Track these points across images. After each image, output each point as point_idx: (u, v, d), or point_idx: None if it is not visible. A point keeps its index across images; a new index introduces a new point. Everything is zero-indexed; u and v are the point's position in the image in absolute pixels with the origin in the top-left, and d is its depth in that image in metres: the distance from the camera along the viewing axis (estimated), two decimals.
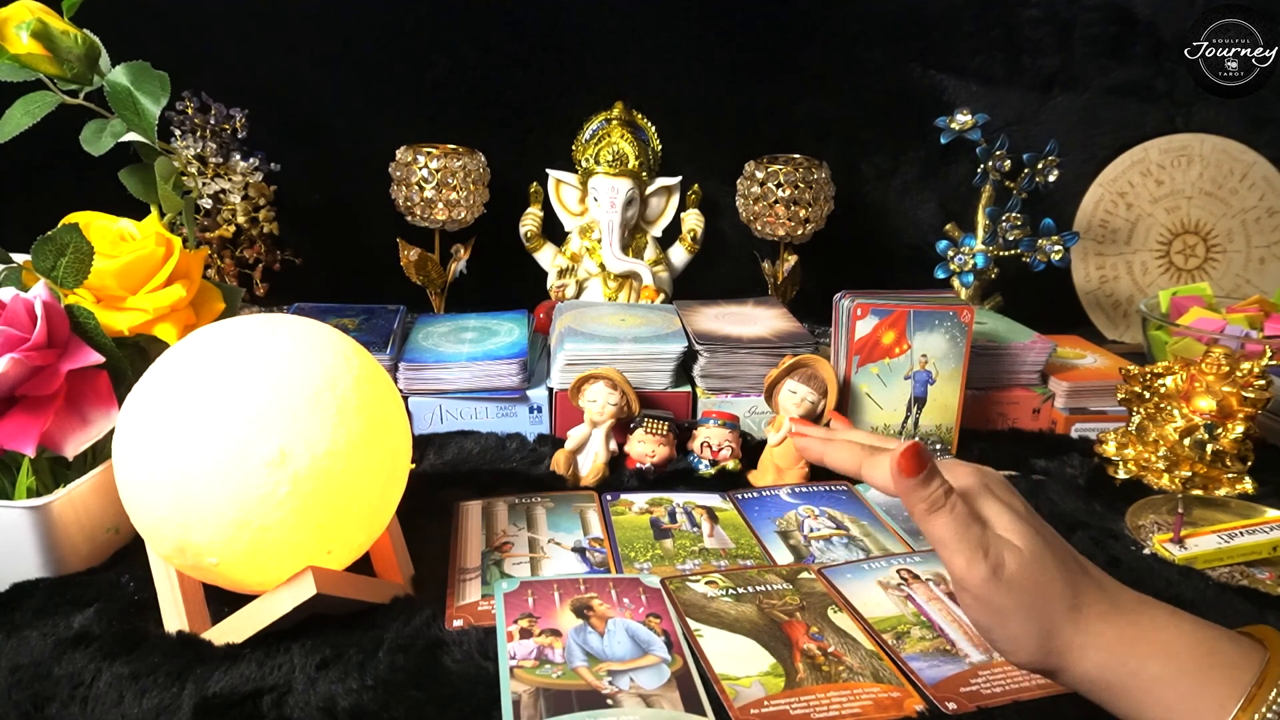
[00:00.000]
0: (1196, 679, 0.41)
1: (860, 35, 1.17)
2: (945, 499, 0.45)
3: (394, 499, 0.56)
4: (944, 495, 0.45)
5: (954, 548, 0.44)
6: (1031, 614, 0.43)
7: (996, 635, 0.44)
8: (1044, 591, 0.43)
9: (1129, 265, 1.23)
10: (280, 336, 0.52)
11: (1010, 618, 0.43)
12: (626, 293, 1.06)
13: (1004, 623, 0.44)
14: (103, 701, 0.47)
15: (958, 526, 0.44)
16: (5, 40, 0.67)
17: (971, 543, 0.44)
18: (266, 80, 1.11)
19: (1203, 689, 0.40)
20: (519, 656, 0.51)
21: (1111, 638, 0.43)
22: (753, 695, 0.49)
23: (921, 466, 0.45)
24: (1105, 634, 0.43)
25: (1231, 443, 0.69)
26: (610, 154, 1.05)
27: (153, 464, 0.48)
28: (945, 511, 0.45)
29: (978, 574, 0.43)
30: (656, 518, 0.70)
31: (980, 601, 0.44)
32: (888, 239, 1.25)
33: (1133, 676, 0.42)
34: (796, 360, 0.78)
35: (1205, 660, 0.41)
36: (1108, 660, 0.43)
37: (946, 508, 0.45)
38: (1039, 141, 1.08)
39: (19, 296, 0.58)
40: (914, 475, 0.45)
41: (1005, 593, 0.43)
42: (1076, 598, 0.44)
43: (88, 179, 0.76)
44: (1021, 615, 0.43)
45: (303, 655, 0.51)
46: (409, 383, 0.84)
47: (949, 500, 0.45)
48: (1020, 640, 0.44)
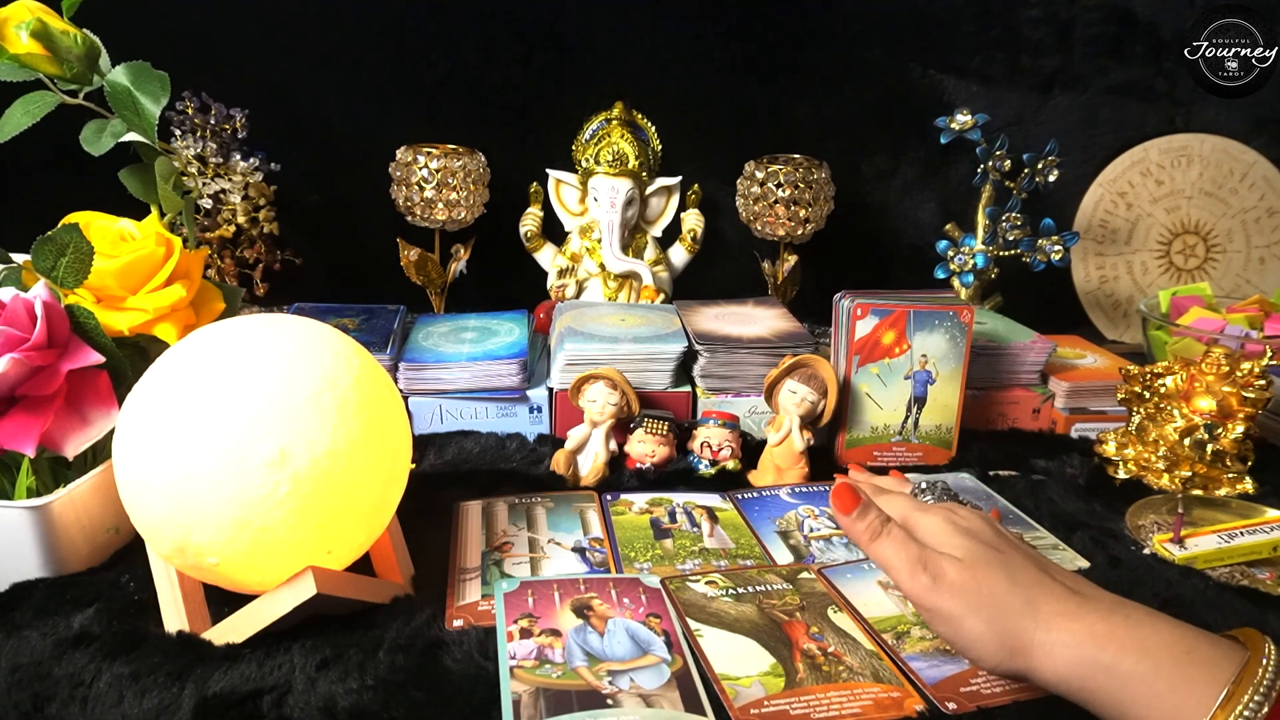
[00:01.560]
0: (1174, 676, 0.41)
1: (860, 35, 1.17)
2: (882, 527, 0.51)
3: (394, 499, 0.56)
4: (880, 524, 0.51)
5: (897, 566, 0.49)
6: (982, 615, 0.46)
7: (958, 642, 0.48)
8: (990, 592, 0.47)
9: (1129, 265, 1.23)
10: (280, 336, 0.52)
11: (964, 622, 0.47)
12: (626, 293, 1.06)
13: (959, 629, 0.47)
14: (103, 701, 0.47)
15: (896, 548, 0.50)
16: (5, 40, 0.67)
17: (910, 560, 0.49)
18: (266, 80, 1.11)
19: (1181, 686, 0.41)
20: (519, 656, 0.51)
21: (1080, 634, 0.44)
22: (753, 695, 0.49)
23: (855, 502, 0.52)
24: (1072, 630, 0.44)
25: (1231, 443, 0.69)
26: (610, 154, 1.05)
27: (153, 464, 0.48)
28: (884, 538, 0.51)
29: (920, 585, 0.48)
30: (656, 518, 0.70)
31: (932, 612, 0.48)
32: (888, 239, 1.25)
33: (1106, 673, 0.42)
34: (796, 360, 0.78)
35: (1183, 658, 0.41)
36: (1078, 657, 0.43)
37: (884, 534, 0.51)
38: (1039, 141, 1.08)
39: (19, 296, 0.58)
40: (849, 511, 0.52)
41: (950, 598, 0.47)
42: (1031, 596, 0.46)
43: (88, 179, 0.76)
44: (973, 617, 0.47)
45: (303, 655, 0.51)
46: (409, 383, 0.84)
47: (885, 527, 0.51)
48: (979, 642, 0.47)
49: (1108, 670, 0.42)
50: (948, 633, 0.48)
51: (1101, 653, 0.43)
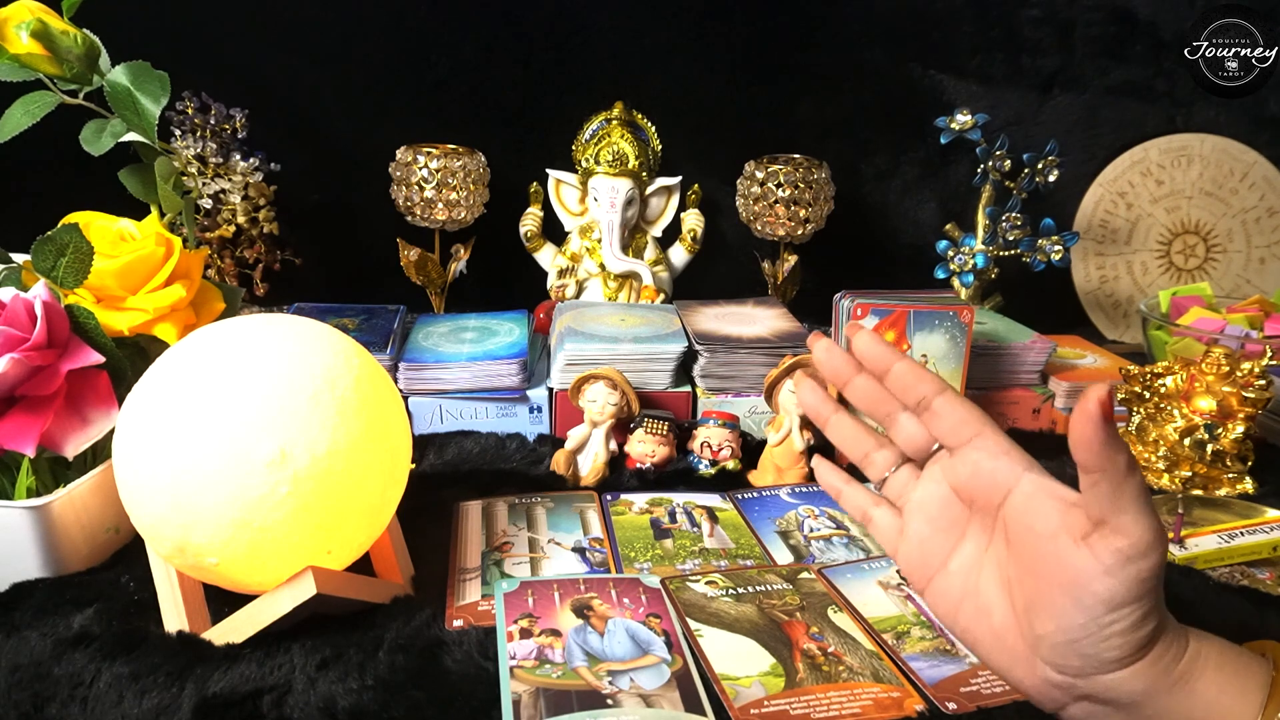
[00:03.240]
0: (1227, 675, 0.40)
1: (860, 35, 1.17)
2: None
3: (394, 499, 0.56)
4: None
5: (1147, 510, 0.39)
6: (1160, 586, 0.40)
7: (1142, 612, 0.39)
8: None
9: (1129, 265, 1.23)
10: (280, 336, 0.52)
11: (1158, 589, 0.40)
12: (626, 293, 1.06)
13: (1156, 594, 0.40)
14: (103, 701, 0.47)
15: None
16: (5, 40, 0.67)
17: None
18: (266, 80, 1.11)
19: (1233, 683, 0.40)
20: (519, 656, 0.51)
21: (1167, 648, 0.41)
22: (753, 695, 0.49)
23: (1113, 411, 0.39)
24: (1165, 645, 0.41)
25: (1231, 443, 0.69)
26: (610, 154, 1.05)
27: (153, 464, 0.48)
28: (1138, 472, 0.39)
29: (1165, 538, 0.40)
30: (656, 518, 0.70)
31: (1159, 566, 0.39)
32: (888, 239, 1.25)
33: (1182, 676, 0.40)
34: (796, 360, 0.78)
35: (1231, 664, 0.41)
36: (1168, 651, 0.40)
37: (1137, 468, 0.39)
38: (1039, 141, 1.08)
39: (19, 296, 0.58)
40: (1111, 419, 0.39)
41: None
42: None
43: (88, 179, 0.76)
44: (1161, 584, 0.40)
45: (303, 655, 0.51)
46: (409, 383, 0.84)
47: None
48: (1155, 614, 0.40)
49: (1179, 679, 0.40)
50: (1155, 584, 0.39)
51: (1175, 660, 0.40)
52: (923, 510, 0.47)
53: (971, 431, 0.44)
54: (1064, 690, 0.41)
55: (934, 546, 0.46)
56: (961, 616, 0.45)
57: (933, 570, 0.46)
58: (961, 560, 0.45)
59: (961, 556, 0.45)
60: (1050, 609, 0.40)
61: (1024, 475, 0.43)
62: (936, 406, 0.45)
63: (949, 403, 0.45)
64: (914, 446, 0.47)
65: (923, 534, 0.46)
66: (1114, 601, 0.39)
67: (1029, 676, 0.42)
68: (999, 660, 0.43)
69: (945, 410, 0.45)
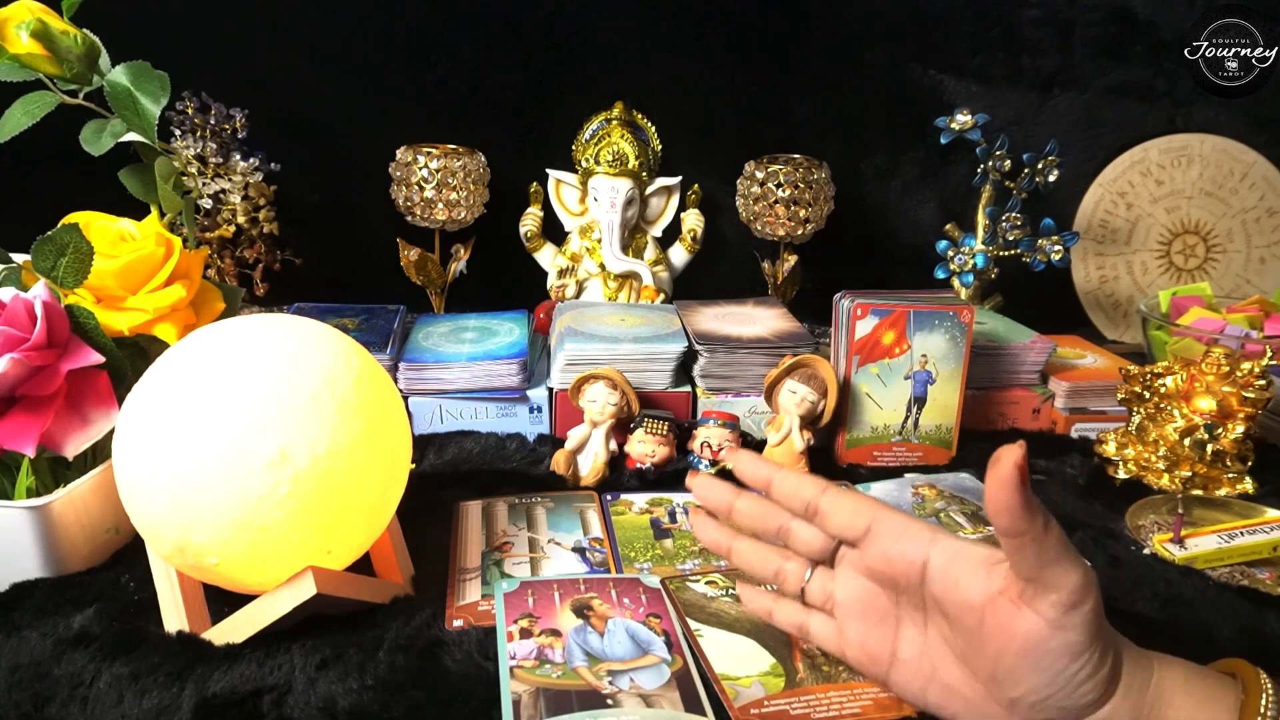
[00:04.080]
0: (1197, 700, 0.40)
1: (860, 35, 1.16)
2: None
3: (394, 499, 0.56)
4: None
5: (1073, 556, 0.39)
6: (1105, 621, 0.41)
7: (1099, 654, 0.40)
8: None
9: (1129, 265, 1.23)
10: (280, 336, 0.52)
11: (1105, 627, 0.40)
12: (626, 293, 1.06)
13: (1104, 633, 0.40)
14: (103, 701, 0.47)
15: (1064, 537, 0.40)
16: (5, 40, 0.67)
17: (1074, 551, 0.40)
18: (266, 80, 1.11)
19: (1203, 710, 0.40)
20: (519, 656, 0.51)
21: (1134, 679, 0.41)
22: (753, 695, 0.49)
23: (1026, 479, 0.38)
24: (1131, 677, 0.41)
25: (1231, 443, 0.69)
26: (610, 154, 1.05)
27: (153, 464, 0.48)
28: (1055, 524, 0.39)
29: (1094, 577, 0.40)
30: (656, 518, 0.70)
31: (1099, 603, 0.40)
32: (888, 239, 1.25)
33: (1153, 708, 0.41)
34: (796, 360, 0.78)
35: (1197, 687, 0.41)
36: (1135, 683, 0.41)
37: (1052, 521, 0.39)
38: (1039, 141, 1.08)
39: (19, 296, 0.58)
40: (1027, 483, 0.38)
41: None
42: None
43: (88, 179, 0.76)
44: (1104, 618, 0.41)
45: (303, 655, 0.51)
46: (409, 383, 0.84)
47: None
48: (1111, 648, 0.40)
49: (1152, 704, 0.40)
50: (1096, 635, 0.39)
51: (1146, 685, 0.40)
52: (850, 609, 0.47)
53: (865, 520, 0.44)
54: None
55: (875, 640, 0.46)
56: (931, 697, 0.45)
57: (884, 664, 0.46)
58: (908, 646, 0.45)
59: (907, 642, 0.45)
60: (1014, 675, 0.40)
61: (932, 548, 0.43)
62: (824, 506, 0.46)
63: (833, 499, 0.46)
64: (814, 549, 0.48)
65: (860, 631, 0.47)
66: (1072, 651, 0.39)
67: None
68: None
69: (832, 508, 0.45)
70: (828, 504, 0.46)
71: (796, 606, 0.49)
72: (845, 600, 0.47)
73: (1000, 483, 0.37)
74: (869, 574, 0.46)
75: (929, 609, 0.44)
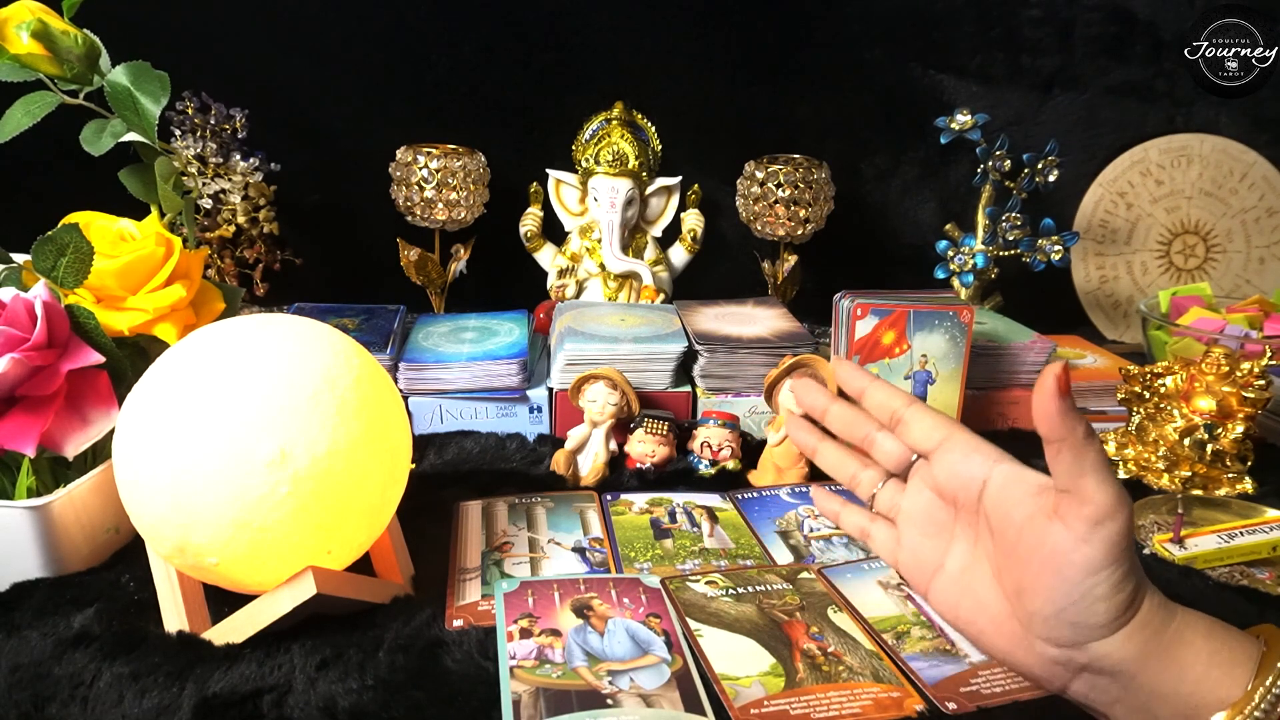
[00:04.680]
0: (1216, 646, 0.41)
1: (860, 35, 1.17)
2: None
3: (394, 499, 0.56)
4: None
5: (1109, 475, 0.41)
6: (1134, 548, 0.42)
7: (1120, 574, 0.41)
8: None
9: (1129, 265, 1.23)
10: (280, 336, 0.52)
11: (1131, 550, 0.42)
12: (626, 293, 1.06)
13: (1129, 555, 0.41)
14: (103, 701, 0.47)
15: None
16: (5, 40, 0.67)
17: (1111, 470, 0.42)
18: (266, 80, 1.11)
19: (1222, 655, 0.41)
20: (519, 656, 0.51)
21: (1153, 614, 0.42)
22: (753, 695, 0.49)
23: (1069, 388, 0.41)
24: (1150, 611, 0.42)
25: (1231, 443, 0.69)
26: (610, 154, 1.05)
27: (153, 464, 0.48)
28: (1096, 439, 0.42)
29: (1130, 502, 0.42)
30: (656, 518, 0.70)
31: (1127, 527, 0.41)
32: (888, 239, 1.25)
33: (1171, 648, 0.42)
34: (796, 360, 0.78)
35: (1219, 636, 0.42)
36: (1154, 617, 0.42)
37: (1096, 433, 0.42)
38: (1039, 141, 1.08)
39: (19, 296, 0.58)
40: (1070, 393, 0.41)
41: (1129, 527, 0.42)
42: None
43: (88, 179, 0.76)
44: (1133, 545, 0.42)
45: (303, 655, 0.51)
46: (409, 383, 0.84)
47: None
48: (1133, 575, 0.42)
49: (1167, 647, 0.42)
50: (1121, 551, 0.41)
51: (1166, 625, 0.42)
52: (912, 519, 0.49)
53: (941, 434, 0.47)
54: (1064, 665, 0.43)
55: (928, 551, 0.48)
56: (962, 612, 0.47)
57: (930, 573, 0.48)
58: (956, 559, 0.47)
59: (955, 556, 0.47)
60: (1036, 586, 0.42)
61: (995, 468, 0.45)
62: (907, 417, 0.49)
63: (917, 412, 0.49)
64: (893, 460, 0.50)
65: (916, 541, 0.49)
66: (1091, 566, 0.41)
67: (1029, 656, 0.44)
68: (1001, 647, 0.45)
69: (915, 419, 0.48)
70: (910, 415, 0.49)
71: (864, 513, 0.52)
72: (909, 510, 0.49)
73: (1042, 392, 0.41)
74: (936, 488, 0.48)
75: (980, 526, 0.46)
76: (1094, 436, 0.41)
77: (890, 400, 0.50)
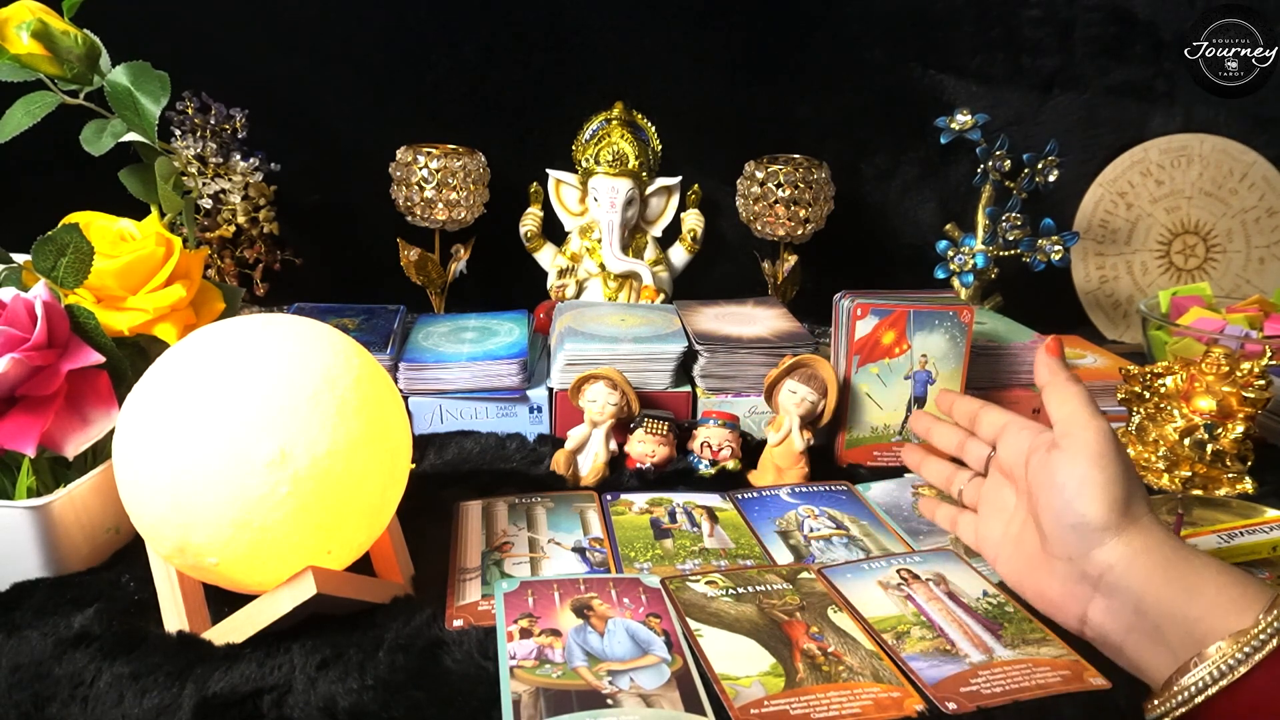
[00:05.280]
0: (1227, 581, 0.46)
1: (860, 35, 1.17)
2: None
3: (394, 499, 0.56)
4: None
5: (1093, 410, 0.53)
6: (1125, 466, 0.51)
7: (1104, 477, 0.50)
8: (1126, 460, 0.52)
9: (1129, 265, 1.23)
10: (280, 336, 0.52)
11: (1114, 462, 0.51)
12: (626, 293, 1.06)
13: (1111, 464, 0.50)
14: (103, 701, 0.47)
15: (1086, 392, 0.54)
16: (5, 40, 0.67)
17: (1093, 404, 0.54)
18: (266, 80, 1.11)
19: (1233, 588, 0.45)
20: (519, 656, 0.51)
21: (1160, 537, 0.49)
22: (753, 695, 0.49)
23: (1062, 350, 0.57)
24: (1156, 532, 0.49)
25: (1231, 443, 0.69)
26: (610, 154, 1.05)
27: (153, 464, 0.48)
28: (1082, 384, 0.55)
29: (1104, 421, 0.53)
30: (656, 518, 0.70)
31: (1110, 439, 0.51)
32: (888, 239, 1.25)
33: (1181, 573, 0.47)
34: (796, 360, 0.78)
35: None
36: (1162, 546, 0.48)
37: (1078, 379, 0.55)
38: (1039, 141, 1.08)
39: (19, 296, 0.58)
40: (1061, 354, 0.57)
41: (1118, 446, 0.52)
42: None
43: (88, 179, 0.76)
44: (1122, 462, 0.51)
45: (303, 655, 0.51)
46: (409, 383, 0.84)
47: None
48: (1121, 482, 0.50)
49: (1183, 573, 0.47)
50: (1104, 463, 0.50)
51: (1177, 556, 0.48)
52: (989, 505, 0.60)
53: (1002, 423, 0.60)
54: (1077, 580, 0.50)
55: (998, 528, 0.59)
56: (1006, 558, 0.57)
57: (997, 544, 0.58)
58: (1014, 526, 0.57)
59: (1014, 524, 0.57)
60: (1046, 507, 0.52)
61: (1035, 438, 0.56)
62: (980, 416, 0.62)
63: (985, 410, 0.62)
64: (978, 461, 0.63)
65: (989, 523, 0.60)
66: (1077, 471, 0.51)
67: (1054, 582, 0.52)
68: (1035, 582, 0.54)
69: (984, 416, 0.62)
70: (982, 413, 0.62)
71: (953, 509, 0.64)
72: (986, 497, 0.60)
73: (1040, 350, 0.57)
74: (1003, 472, 0.59)
75: (1023, 489, 0.56)
76: (1078, 383, 0.54)
77: (969, 407, 0.63)
